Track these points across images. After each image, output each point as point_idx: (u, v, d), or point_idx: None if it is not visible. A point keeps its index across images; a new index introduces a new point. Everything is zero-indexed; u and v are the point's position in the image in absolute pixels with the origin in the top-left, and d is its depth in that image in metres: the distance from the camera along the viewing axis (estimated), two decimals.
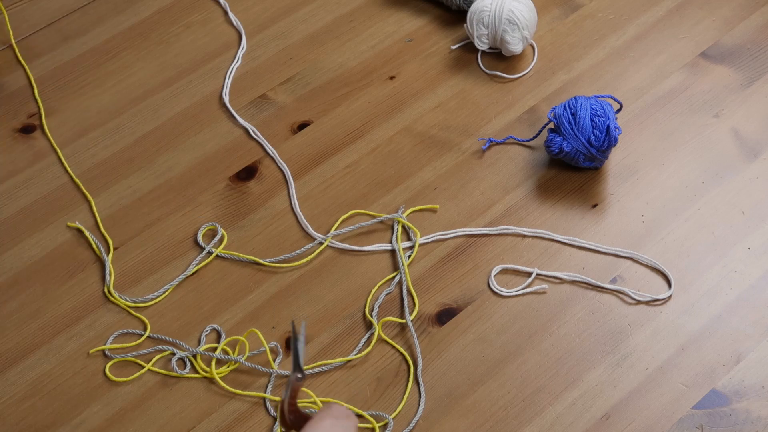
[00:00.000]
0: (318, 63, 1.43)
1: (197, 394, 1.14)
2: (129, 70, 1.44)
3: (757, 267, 1.20)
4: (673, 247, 1.22)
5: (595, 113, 1.24)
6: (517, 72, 1.40)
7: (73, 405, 1.14)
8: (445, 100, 1.37)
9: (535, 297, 1.19)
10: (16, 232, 1.28)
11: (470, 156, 1.32)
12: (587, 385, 1.12)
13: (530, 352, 1.15)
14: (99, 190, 1.31)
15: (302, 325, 0.87)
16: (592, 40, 1.43)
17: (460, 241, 1.24)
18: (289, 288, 1.21)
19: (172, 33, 1.48)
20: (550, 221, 1.25)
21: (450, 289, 1.20)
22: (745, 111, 1.33)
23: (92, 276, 1.23)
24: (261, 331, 1.17)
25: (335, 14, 1.48)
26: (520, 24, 1.36)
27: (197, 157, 1.34)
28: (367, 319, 1.18)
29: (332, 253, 1.24)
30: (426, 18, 1.47)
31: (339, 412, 0.78)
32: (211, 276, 1.23)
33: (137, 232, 1.27)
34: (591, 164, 1.27)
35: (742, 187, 1.26)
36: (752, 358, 1.13)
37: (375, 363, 1.15)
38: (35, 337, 1.19)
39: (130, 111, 1.39)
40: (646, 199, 1.26)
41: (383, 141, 1.34)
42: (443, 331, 1.17)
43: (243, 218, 1.28)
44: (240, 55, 1.44)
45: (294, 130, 1.36)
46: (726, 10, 1.44)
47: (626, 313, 1.17)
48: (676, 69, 1.38)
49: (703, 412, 1.09)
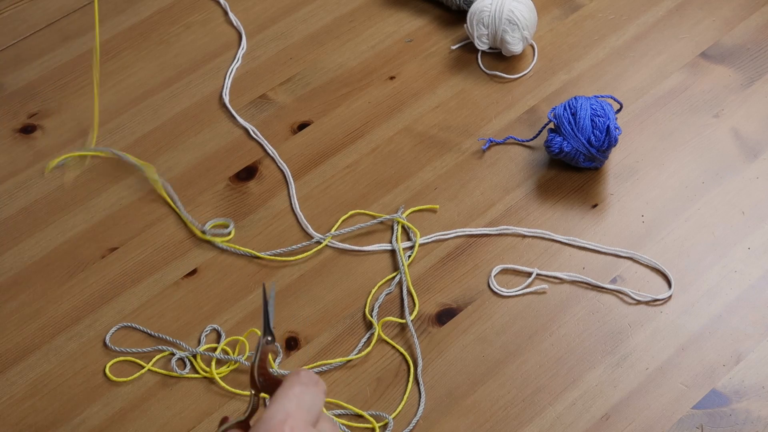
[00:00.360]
0: (318, 63, 1.43)
1: (197, 394, 1.14)
2: (129, 70, 1.44)
3: (757, 267, 1.20)
4: (673, 247, 1.22)
5: (595, 113, 1.24)
6: (517, 72, 1.40)
7: (73, 405, 1.14)
8: (445, 100, 1.37)
9: (535, 297, 1.19)
10: (16, 232, 1.28)
11: (470, 156, 1.32)
12: (587, 385, 1.12)
13: (530, 352, 1.15)
14: (99, 191, 1.31)
15: (272, 288, 0.88)
16: (592, 40, 1.43)
17: (460, 241, 1.24)
18: (289, 288, 1.21)
19: (172, 33, 1.48)
20: (550, 221, 1.25)
21: (450, 289, 1.20)
22: (745, 111, 1.33)
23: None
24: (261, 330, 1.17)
25: (335, 14, 1.48)
26: (520, 24, 1.36)
27: (197, 157, 1.34)
28: (367, 319, 1.18)
29: (332, 253, 1.24)
30: (426, 18, 1.47)
31: (308, 378, 0.77)
32: (211, 276, 1.23)
33: (137, 232, 1.27)
34: (591, 164, 1.27)
35: (742, 187, 1.26)
36: (752, 358, 1.13)
37: (375, 363, 1.15)
38: (35, 337, 1.19)
39: (130, 111, 1.39)
40: (646, 199, 1.26)
41: (383, 141, 1.34)
42: (443, 331, 1.17)
43: (243, 218, 1.28)
44: (240, 55, 1.44)
45: (294, 130, 1.36)
46: (726, 10, 1.44)
47: (626, 313, 1.17)
48: (676, 69, 1.38)
49: (703, 412, 1.09)
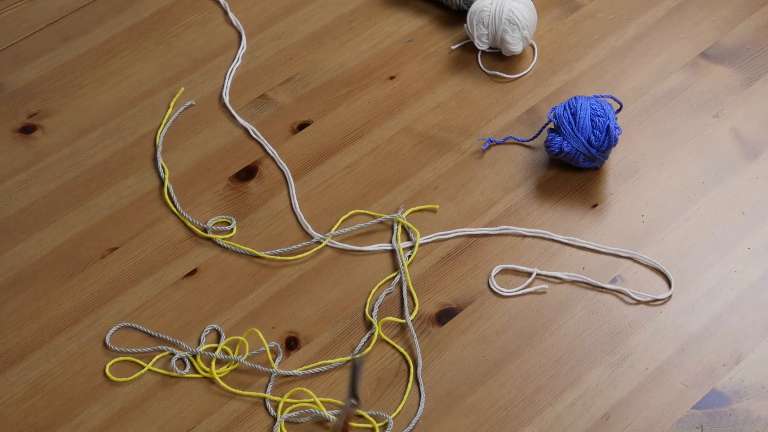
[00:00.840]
0: (318, 63, 1.43)
1: (197, 394, 1.14)
2: (129, 70, 1.44)
3: (757, 267, 1.20)
4: (673, 247, 1.22)
5: (595, 113, 1.24)
6: (517, 72, 1.40)
7: (73, 405, 1.14)
8: (445, 100, 1.37)
9: (535, 297, 1.19)
10: (16, 232, 1.28)
11: (470, 156, 1.32)
12: (587, 385, 1.12)
13: (530, 352, 1.15)
14: (99, 191, 1.31)
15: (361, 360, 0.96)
16: (592, 40, 1.43)
17: (460, 241, 1.24)
18: (289, 288, 1.21)
19: (172, 33, 1.48)
20: (550, 221, 1.25)
21: (450, 289, 1.20)
22: (745, 111, 1.33)
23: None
24: (261, 330, 1.17)
25: (335, 14, 1.48)
26: (520, 24, 1.36)
27: (197, 157, 1.34)
28: (367, 319, 1.18)
29: (332, 253, 1.24)
30: (426, 18, 1.47)
31: None
32: (211, 276, 1.23)
33: (137, 232, 1.27)
34: (591, 164, 1.27)
35: (742, 187, 1.26)
36: (752, 358, 1.13)
37: (375, 363, 1.15)
38: (35, 337, 1.19)
39: (130, 111, 1.39)
40: (646, 199, 1.26)
41: (383, 141, 1.34)
42: (443, 331, 1.17)
43: (243, 218, 1.28)
44: (240, 55, 1.44)
45: (294, 130, 1.36)
46: (726, 10, 1.44)
47: (626, 313, 1.17)
48: (676, 69, 1.38)
49: (703, 412, 1.09)
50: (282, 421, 1.10)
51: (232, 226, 1.26)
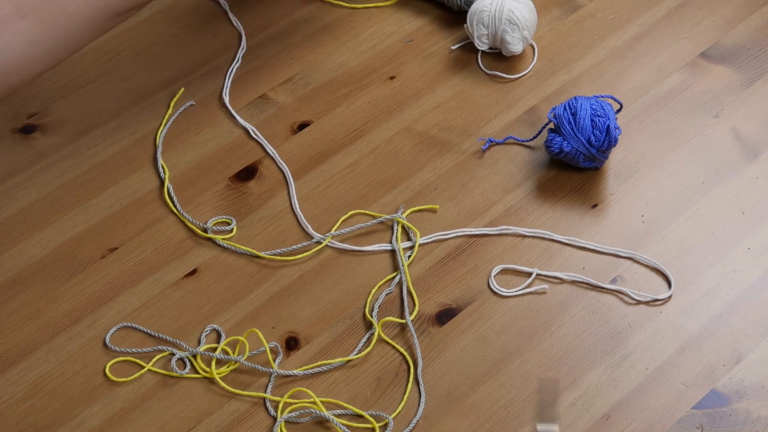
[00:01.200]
0: (318, 63, 1.43)
1: (197, 394, 1.14)
2: (129, 70, 1.44)
3: (757, 267, 1.20)
4: (673, 247, 1.22)
5: (595, 113, 1.24)
6: (517, 72, 1.40)
7: (73, 405, 1.14)
8: (445, 100, 1.37)
9: (535, 297, 1.19)
10: (16, 232, 1.28)
11: (470, 156, 1.32)
12: (587, 385, 1.12)
13: (530, 352, 1.15)
14: (99, 191, 1.31)
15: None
16: (592, 40, 1.43)
17: (460, 241, 1.24)
18: (289, 288, 1.21)
19: (172, 33, 1.48)
20: (550, 221, 1.25)
21: (450, 289, 1.20)
22: (745, 111, 1.33)
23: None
24: (261, 331, 1.17)
25: (335, 14, 1.48)
26: (520, 24, 1.36)
27: (197, 157, 1.34)
28: (367, 319, 1.18)
29: (332, 253, 1.24)
30: (426, 18, 1.47)
31: None
32: (211, 276, 1.23)
33: (137, 232, 1.27)
34: (591, 164, 1.27)
35: (742, 187, 1.26)
36: (752, 358, 1.13)
37: (375, 363, 1.15)
38: (35, 337, 1.19)
39: (130, 111, 1.39)
40: (646, 199, 1.26)
41: (383, 141, 1.34)
42: (443, 331, 1.17)
43: (243, 218, 1.28)
44: (240, 55, 1.44)
45: (294, 130, 1.36)
46: (726, 10, 1.44)
47: (626, 313, 1.17)
48: (676, 69, 1.38)
49: (703, 412, 1.09)
50: (282, 421, 1.10)
51: (232, 226, 1.26)
